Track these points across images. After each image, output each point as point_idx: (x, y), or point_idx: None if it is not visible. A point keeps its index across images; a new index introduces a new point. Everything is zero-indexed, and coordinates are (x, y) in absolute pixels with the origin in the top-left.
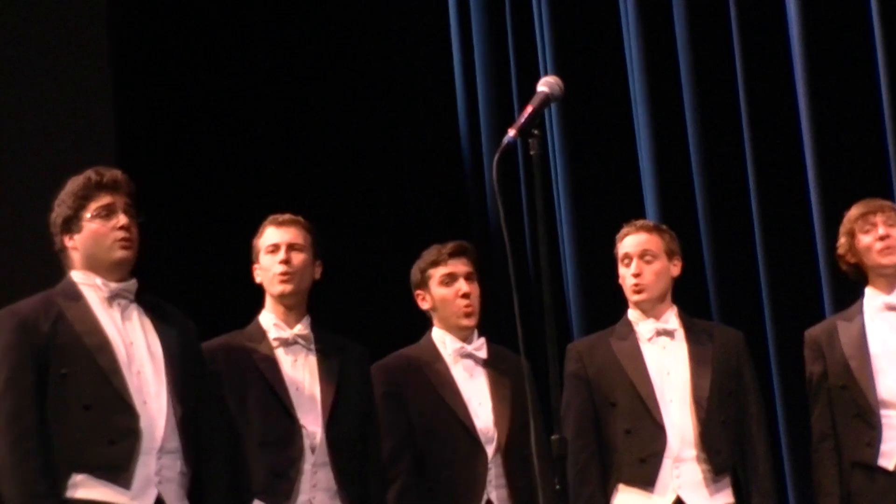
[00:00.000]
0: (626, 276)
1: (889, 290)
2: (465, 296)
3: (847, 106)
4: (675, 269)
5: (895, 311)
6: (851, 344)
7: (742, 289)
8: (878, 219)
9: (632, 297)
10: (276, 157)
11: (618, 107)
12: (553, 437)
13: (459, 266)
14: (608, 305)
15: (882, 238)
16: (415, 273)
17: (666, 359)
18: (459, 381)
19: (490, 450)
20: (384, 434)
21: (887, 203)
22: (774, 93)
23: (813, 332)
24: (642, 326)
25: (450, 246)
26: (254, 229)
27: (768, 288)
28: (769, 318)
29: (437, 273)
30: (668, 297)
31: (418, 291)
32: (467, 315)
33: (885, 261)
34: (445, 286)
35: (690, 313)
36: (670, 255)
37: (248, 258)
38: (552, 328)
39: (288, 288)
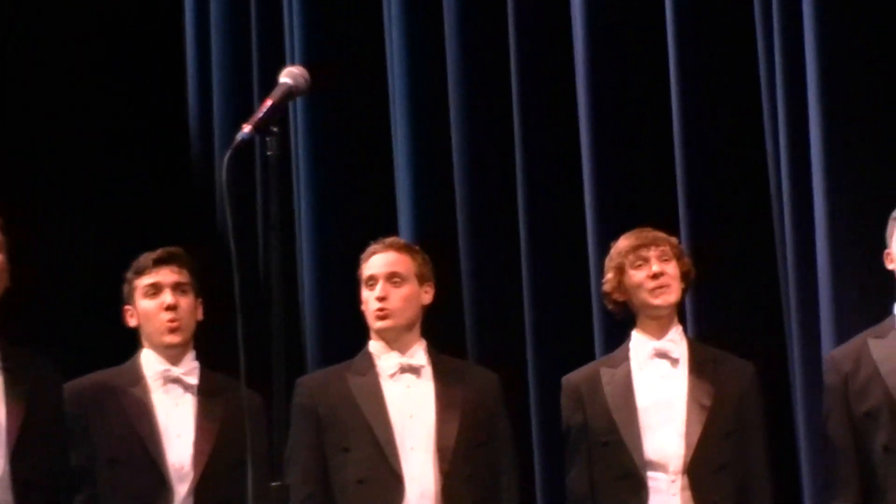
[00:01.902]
0: (370, 299)
1: (660, 335)
2: (170, 308)
3: (631, 123)
4: (427, 296)
5: (666, 358)
6: (616, 395)
7: (503, 324)
8: (652, 253)
9: (374, 325)
10: None
11: (374, 107)
12: (273, 484)
13: (167, 275)
14: (349, 334)
15: (655, 276)
16: (124, 286)
17: (409, 400)
18: (160, 409)
19: (182, 489)
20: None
21: (661, 235)
22: (552, 105)
23: (572, 378)
24: (385, 360)
25: (157, 252)
26: None
27: (532, 325)
28: (531, 360)
29: (141, 283)
30: (417, 329)
31: (126, 307)
32: (171, 331)
33: (658, 301)
34: (149, 298)
35: (441, 349)
36: (422, 279)
37: None
38: (281, 358)
39: None
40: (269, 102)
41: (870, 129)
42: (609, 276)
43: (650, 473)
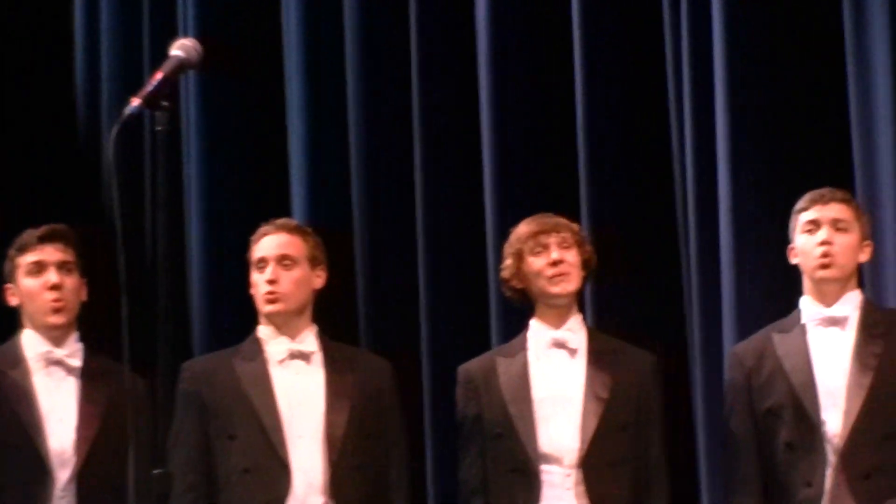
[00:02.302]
0: (260, 283)
1: (558, 324)
2: (55, 288)
3: (534, 109)
4: (319, 280)
5: (564, 348)
6: (512, 385)
7: (397, 311)
8: (552, 240)
9: (264, 309)
10: None
11: (269, 83)
12: (156, 471)
13: (52, 253)
14: (238, 318)
15: (554, 263)
16: (6, 263)
17: (298, 387)
18: (41, 392)
19: (63, 475)
20: None
21: (563, 221)
22: (453, 88)
23: (468, 367)
24: (274, 346)
25: (42, 229)
26: None
27: (427, 312)
28: (426, 348)
29: (24, 261)
30: (308, 314)
31: (7, 285)
32: (55, 311)
33: (556, 290)
34: (32, 276)
35: (333, 335)
36: (313, 263)
37: None
38: (166, 341)
39: None
40: (159, 75)
41: (774, 124)
42: (507, 262)
43: (544, 467)
